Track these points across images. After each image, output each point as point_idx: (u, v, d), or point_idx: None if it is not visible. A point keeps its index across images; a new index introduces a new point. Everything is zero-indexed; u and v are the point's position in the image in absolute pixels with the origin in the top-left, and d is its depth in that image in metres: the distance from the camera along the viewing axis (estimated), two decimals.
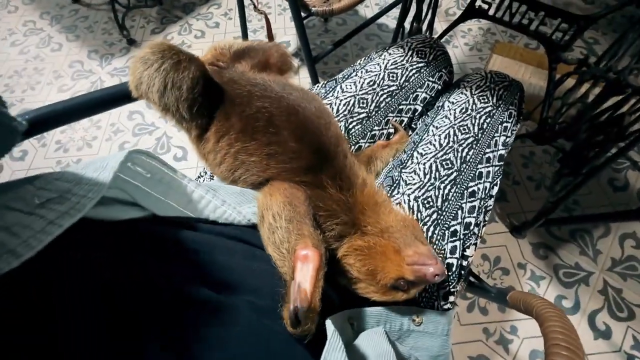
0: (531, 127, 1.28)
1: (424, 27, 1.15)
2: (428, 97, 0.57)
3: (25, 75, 1.54)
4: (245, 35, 1.38)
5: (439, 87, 0.58)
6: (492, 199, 0.48)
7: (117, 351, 0.21)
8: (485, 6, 0.88)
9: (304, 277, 0.29)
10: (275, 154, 0.39)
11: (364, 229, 0.38)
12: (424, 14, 1.08)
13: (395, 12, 1.39)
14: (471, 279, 0.61)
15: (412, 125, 0.58)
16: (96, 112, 0.40)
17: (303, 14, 0.92)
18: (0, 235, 0.19)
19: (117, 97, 0.41)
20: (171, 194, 0.31)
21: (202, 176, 0.57)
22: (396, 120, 0.56)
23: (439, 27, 1.59)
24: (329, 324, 0.28)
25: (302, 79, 1.43)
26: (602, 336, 0.88)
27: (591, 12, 1.57)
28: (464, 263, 0.44)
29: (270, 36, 1.30)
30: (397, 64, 0.57)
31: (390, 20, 1.62)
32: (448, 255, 0.43)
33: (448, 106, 0.54)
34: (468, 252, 0.45)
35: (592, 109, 0.77)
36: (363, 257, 0.36)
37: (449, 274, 0.43)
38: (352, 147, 0.53)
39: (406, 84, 0.56)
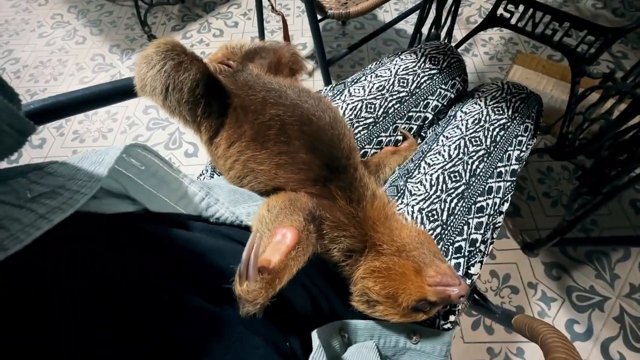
0: (550, 142, 1.24)
1: (443, 33, 1.13)
2: (440, 105, 0.55)
3: (49, 66, 1.59)
4: (262, 36, 1.39)
5: (452, 96, 0.56)
6: (502, 216, 0.46)
7: (117, 351, 0.20)
8: (508, 15, 0.85)
9: (273, 248, 0.28)
10: (285, 164, 0.38)
11: (379, 248, 0.36)
12: (443, 20, 1.05)
13: (414, 17, 1.37)
14: (476, 297, 0.59)
15: (422, 133, 0.56)
16: (102, 104, 0.40)
17: (319, 16, 0.91)
18: None
19: (124, 90, 0.41)
20: (164, 188, 0.31)
21: (204, 174, 0.57)
22: (405, 127, 0.54)
23: (459, 34, 1.56)
24: (314, 337, 0.26)
25: (315, 81, 1.43)
26: None
27: (621, 24, 1.51)
28: (468, 281, 0.42)
29: (286, 37, 1.30)
30: (408, 69, 0.55)
31: (409, 26, 1.60)
32: None
33: (460, 116, 0.52)
34: (472, 270, 0.43)
35: (616, 126, 0.73)
36: (382, 279, 0.34)
37: None
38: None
39: (417, 90, 0.54)
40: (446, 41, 1.12)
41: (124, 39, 1.67)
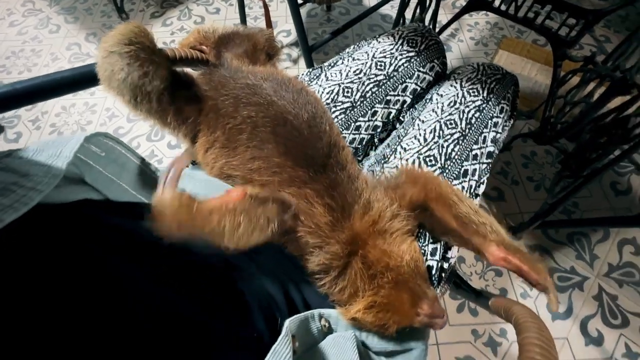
0: (534, 126, 1.25)
1: (428, 17, 1.11)
2: (418, 88, 0.54)
3: (22, 57, 1.52)
4: (244, 22, 1.35)
5: (430, 79, 0.55)
6: (478, 198, 0.46)
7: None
8: None
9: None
10: (258, 168, 0.36)
11: (373, 276, 0.33)
12: (427, 3, 1.04)
13: (399, 1, 1.34)
14: (457, 280, 0.60)
15: (401, 118, 0.55)
16: (63, 93, 0.38)
17: (300, 1, 0.88)
18: None
19: (87, 78, 0.39)
20: (124, 175, 0.29)
21: None
22: (384, 112, 0.53)
23: (445, 19, 1.54)
24: (284, 326, 0.26)
25: (300, 69, 1.40)
26: (594, 343, 0.86)
27: (603, 7, 1.51)
28: (445, 265, 0.42)
29: (269, 24, 1.27)
30: (386, 52, 0.54)
31: (394, 11, 1.57)
32: (428, 257, 0.41)
33: (436, 99, 0.51)
34: (449, 254, 0.43)
35: (596, 109, 0.74)
36: (380, 313, 0.33)
37: (427, 275, 0.41)
38: None
39: (395, 73, 0.53)
40: (431, 25, 1.11)
41: (100, 27, 1.61)
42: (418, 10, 0.99)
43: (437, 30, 1.10)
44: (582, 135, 0.87)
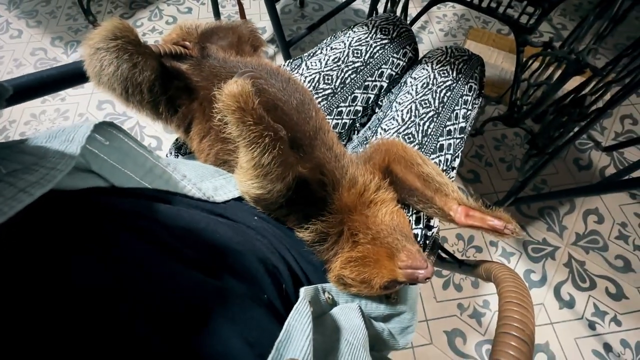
0: (503, 111, 1.32)
1: (398, 11, 1.16)
2: (393, 73, 0.58)
3: None
4: None
5: (404, 64, 0.59)
6: (454, 171, 0.50)
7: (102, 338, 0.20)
8: None
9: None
10: None
11: (355, 237, 0.36)
12: None
13: None
14: (441, 253, 0.64)
15: (379, 102, 0.59)
16: (48, 92, 0.38)
17: None
18: None
19: (74, 76, 0.39)
20: (128, 162, 0.30)
21: (168, 156, 0.56)
22: (363, 97, 0.55)
23: (414, 11, 1.60)
24: (301, 292, 0.28)
25: (278, 64, 1.41)
26: (567, 305, 0.94)
27: None
28: (429, 233, 0.46)
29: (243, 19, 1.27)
30: (361, 41, 0.57)
31: (366, 6, 1.61)
32: (413, 225, 0.44)
33: (410, 82, 0.55)
34: (432, 223, 0.46)
35: (555, 89, 0.80)
36: (358, 267, 0.35)
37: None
38: None
39: (371, 60, 0.56)
40: (402, 17, 1.15)
41: (66, 31, 1.55)
42: (389, 5, 1.03)
43: (407, 22, 1.15)
44: (545, 117, 0.94)
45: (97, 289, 0.22)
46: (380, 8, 1.12)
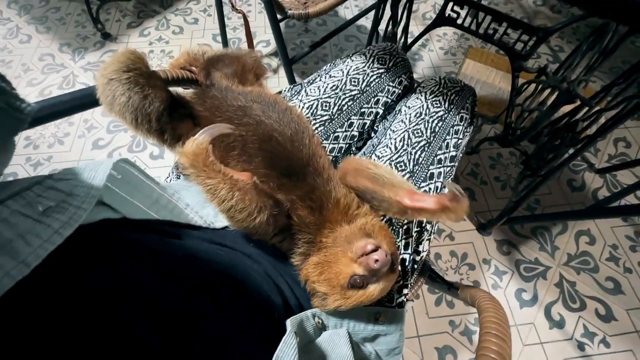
0: (499, 130, 1.35)
1: (400, 31, 1.19)
2: (389, 100, 0.60)
3: None
4: (223, 33, 1.37)
5: (399, 92, 0.61)
6: None
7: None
8: (455, 15, 0.92)
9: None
10: None
11: (320, 244, 0.39)
12: (399, 17, 1.11)
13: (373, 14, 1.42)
14: (431, 274, 0.66)
15: (375, 127, 0.61)
16: (62, 116, 0.40)
17: (279, 16, 0.93)
18: (17, 243, 0.20)
19: (87, 102, 0.41)
20: (137, 194, 0.33)
21: (170, 176, 0.58)
22: (359, 123, 0.58)
23: (416, 30, 1.64)
24: (288, 324, 0.30)
25: (280, 78, 1.45)
26: (557, 326, 0.95)
27: (558, 20, 1.64)
28: (417, 258, 0.48)
29: (248, 35, 1.30)
30: (359, 69, 0.59)
31: (369, 22, 1.65)
32: (402, 250, 0.46)
33: (404, 110, 0.57)
34: (421, 248, 0.48)
35: (548, 115, 0.83)
36: (320, 269, 0.37)
37: (401, 268, 0.46)
38: None
39: (367, 88, 0.58)
40: (404, 37, 1.19)
41: (75, 37, 1.58)
42: (390, 25, 1.06)
43: (408, 42, 1.18)
44: (540, 138, 0.97)
45: (101, 290, 0.24)
46: (382, 25, 1.15)
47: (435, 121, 0.55)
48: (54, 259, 0.24)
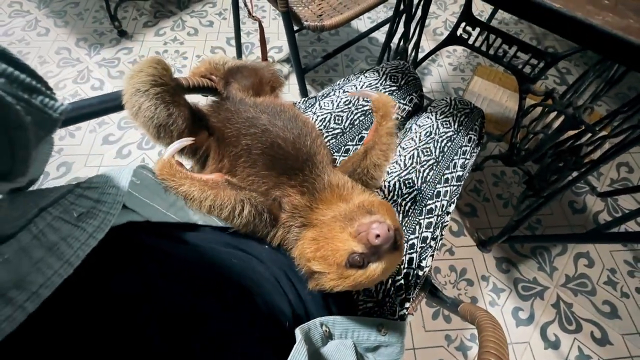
0: (504, 148, 1.37)
1: (411, 46, 1.21)
2: (399, 117, 0.62)
3: None
4: (238, 37, 1.40)
5: (410, 109, 0.63)
6: (449, 216, 0.54)
7: None
8: (466, 35, 0.94)
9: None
10: (252, 182, 0.42)
11: (316, 221, 0.38)
12: (410, 33, 1.14)
13: (386, 27, 1.44)
14: (432, 289, 0.67)
15: None
16: (87, 119, 0.42)
17: (295, 27, 0.95)
18: (62, 245, 0.22)
19: (114, 107, 0.43)
20: (155, 198, 0.35)
21: None
22: None
23: (426, 45, 1.66)
24: (297, 333, 0.31)
25: (291, 85, 1.47)
26: (552, 346, 0.96)
27: (566, 43, 1.66)
28: (420, 273, 0.49)
29: (263, 42, 1.33)
30: (371, 86, 0.62)
31: (380, 34, 1.68)
32: (405, 265, 0.48)
33: (415, 129, 0.59)
34: (424, 263, 0.50)
35: (552, 139, 0.84)
36: (316, 245, 0.36)
37: (404, 282, 0.47)
38: None
39: None
40: (414, 53, 1.21)
41: (91, 33, 1.61)
42: (402, 41, 1.08)
43: (419, 57, 1.20)
44: (544, 159, 0.98)
45: (128, 294, 0.25)
46: (394, 40, 1.18)
47: (445, 141, 0.56)
48: (85, 261, 0.26)
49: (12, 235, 0.22)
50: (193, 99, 0.48)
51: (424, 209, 0.52)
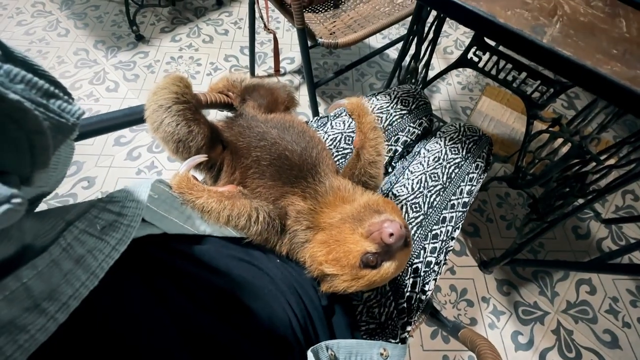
0: (509, 170, 1.37)
1: (421, 65, 1.23)
2: (408, 140, 0.64)
3: None
4: (252, 47, 1.43)
5: (419, 132, 0.65)
6: (453, 241, 0.54)
7: None
8: (476, 59, 0.96)
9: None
10: (260, 192, 0.44)
11: (322, 224, 0.39)
12: (421, 54, 1.16)
13: (397, 46, 1.47)
14: (432, 312, 0.67)
15: (393, 163, 0.64)
16: (112, 130, 0.44)
17: (309, 43, 0.98)
18: (88, 258, 0.23)
19: (137, 120, 0.45)
20: (172, 211, 0.36)
21: None
22: None
23: (436, 63, 1.69)
24: (309, 355, 0.32)
25: (301, 96, 1.49)
26: None
27: None
28: (423, 297, 0.50)
29: (276, 54, 1.36)
30: (382, 109, 0.63)
31: (391, 50, 1.70)
32: (409, 289, 0.49)
33: (424, 153, 0.60)
34: (427, 287, 0.51)
35: (558, 167, 0.85)
36: (328, 248, 0.36)
37: (407, 305, 0.48)
38: None
39: (389, 127, 0.62)
40: (424, 71, 1.23)
41: (110, 36, 1.66)
42: (413, 61, 1.10)
43: (429, 76, 1.22)
44: (549, 184, 0.99)
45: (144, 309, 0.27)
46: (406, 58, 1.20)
47: (452, 167, 0.58)
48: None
49: (44, 248, 0.23)
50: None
51: (429, 233, 0.53)
